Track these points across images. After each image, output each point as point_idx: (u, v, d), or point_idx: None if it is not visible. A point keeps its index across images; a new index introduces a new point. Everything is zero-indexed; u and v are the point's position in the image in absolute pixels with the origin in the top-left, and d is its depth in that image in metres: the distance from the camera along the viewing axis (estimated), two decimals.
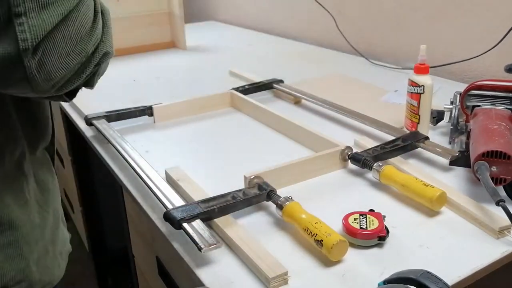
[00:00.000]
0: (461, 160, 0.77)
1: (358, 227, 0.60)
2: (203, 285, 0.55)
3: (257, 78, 1.21)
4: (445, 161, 0.79)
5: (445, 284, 0.45)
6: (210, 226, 0.63)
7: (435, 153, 0.79)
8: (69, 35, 0.43)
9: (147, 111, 1.01)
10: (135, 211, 0.85)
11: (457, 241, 0.60)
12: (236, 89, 1.11)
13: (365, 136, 0.88)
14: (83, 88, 0.50)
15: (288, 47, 1.66)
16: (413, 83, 0.86)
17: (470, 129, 0.76)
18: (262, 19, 1.96)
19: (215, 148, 0.89)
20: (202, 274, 0.56)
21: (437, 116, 0.91)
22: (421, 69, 0.85)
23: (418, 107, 0.86)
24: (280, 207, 0.64)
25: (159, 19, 1.63)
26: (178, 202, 0.65)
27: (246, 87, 1.13)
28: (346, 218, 0.62)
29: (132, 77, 1.35)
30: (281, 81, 1.17)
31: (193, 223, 0.60)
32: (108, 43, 0.48)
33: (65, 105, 1.12)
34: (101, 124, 0.93)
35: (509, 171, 0.65)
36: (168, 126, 1.00)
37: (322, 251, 0.57)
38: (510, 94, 0.79)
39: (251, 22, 2.03)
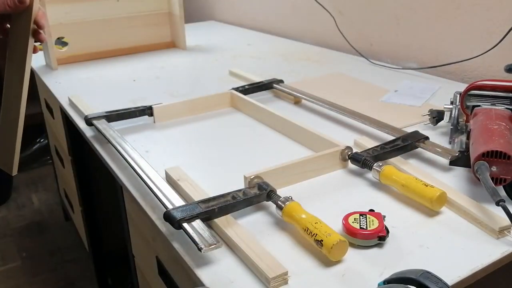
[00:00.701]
0: (461, 160, 0.77)
1: (358, 227, 0.59)
2: (203, 285, 0.55)
3: (257, 78, 1.21)
4: (445, 161, 0.79)
5: (445, 284, 0.45)
6: (210, 226, 0.63)
7: (435, 153, 0.79)
8: None
9: (147, 111, 1.01)
10: (135, 211, 0.85)
11: (457, 241, 0.60)
12: (236, 89, 1.11)
13: (365, 136, 0.88)
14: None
15: (288, 47, 1.66)
16: None
17: (470, 129, 0.76)
18: (262, 19, 1.96)
19: (215, 148, 0.89)
20: (202, 274, 0.56)
21: (437, 116, 0.91)
22: None
23: None
24: (280, 207, 0.64)
25: (159, 19, 1.63)
26: (178, 202, 0.65)
27: (246, 87, 1.13)
28: (346, 218, 0.62)
29: (132, 77, 1.35)
30: (281, 81, 1.17)
31: (193, 223, 0.60)
32: None
33: (65, 105, 1.12)
34: (101, 124, 0.93)
35: (509, 171, 0.65)
36: (168, 126, 1.00)
37: (322, 251, 0.57)
38: (510, 94, 0.79)
39: (250, 22, 2.03)
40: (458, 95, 0.84)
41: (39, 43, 0.73)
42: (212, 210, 0.62)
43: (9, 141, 0.72)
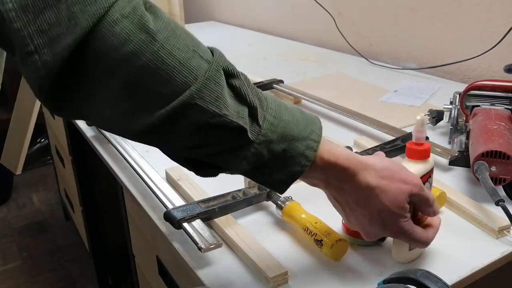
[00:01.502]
0: (460, 160, 0.77)
1: None
2: (203, 285, 0.55)
3: (257, 78, 1.21)
4: (444, 161, 0.79)
5: (445, 284, 0.45)
6: (210, 226, 0.63)
7: (435, 153, 0.79)
8: None
9: None
10: (135, 211, 0.85)
11: (457, 241, 0.60)
12: None
13: (365, 136, 0.88)
14: None
15: (288, 47, 1.66)
16: None
17: (469, 129, 0.76)
18: (262, 19, 1.96)
19: None
20: (202, 274, 0.56)
21: (436, 116, 0.91)
22: (416, 153, 0.55)
23: None
24: (280, 207, 0.64)
25: None
26: (178, 202, 0.65)
27: None
28: None
29: None
30: (281, 81, 1.17)
31: (193, 223, 0.60)
32: None
33: None
34: None
35: (508, 171, 0.65)
36: None
37: (322, 251, 0.57)
38: (510, 94, 0.79)
39: (251, 22, 2.03)
40: (458, 95, 0.84)
41: None
42: (212, 210, 0.62)
43: (18, 140, 0.73)
